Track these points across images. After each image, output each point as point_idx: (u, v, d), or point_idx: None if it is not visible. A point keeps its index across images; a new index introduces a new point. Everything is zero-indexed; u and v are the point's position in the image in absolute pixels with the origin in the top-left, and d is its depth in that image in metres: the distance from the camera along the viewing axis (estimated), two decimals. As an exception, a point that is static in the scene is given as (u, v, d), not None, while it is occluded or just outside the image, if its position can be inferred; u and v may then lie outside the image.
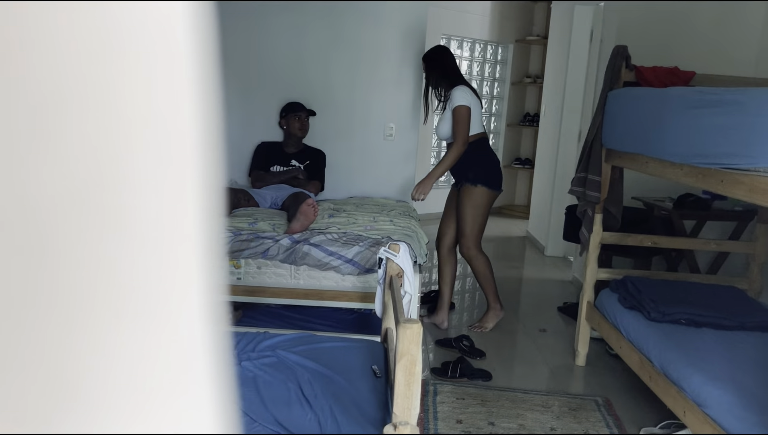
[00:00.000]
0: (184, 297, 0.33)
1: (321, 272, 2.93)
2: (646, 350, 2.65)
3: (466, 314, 4.14)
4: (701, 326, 2.70)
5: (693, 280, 3.33)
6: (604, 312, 3.12)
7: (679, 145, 2.36)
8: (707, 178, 2.21)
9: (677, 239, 3.40)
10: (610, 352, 3.45)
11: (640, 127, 2.71)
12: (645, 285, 3.00)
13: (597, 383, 3.15)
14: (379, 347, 2.21)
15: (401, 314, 1.67)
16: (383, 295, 2.35)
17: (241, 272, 2.95)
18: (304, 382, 1.87)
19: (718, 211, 3.66)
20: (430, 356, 3.36)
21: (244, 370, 1.95)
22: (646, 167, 2.71)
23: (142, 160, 0.32)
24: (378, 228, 3.18)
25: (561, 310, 4.18)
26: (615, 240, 3.27)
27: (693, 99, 2.31)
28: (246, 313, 3.16)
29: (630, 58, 3.08)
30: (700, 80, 3.04)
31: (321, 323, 3.13)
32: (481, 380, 3.06)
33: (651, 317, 2.75)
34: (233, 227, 3.03)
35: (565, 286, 4.83)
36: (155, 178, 0.32)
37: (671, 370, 2.42)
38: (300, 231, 2.99)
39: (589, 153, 3.15)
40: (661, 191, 4.15)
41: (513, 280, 4.96)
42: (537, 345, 3.60)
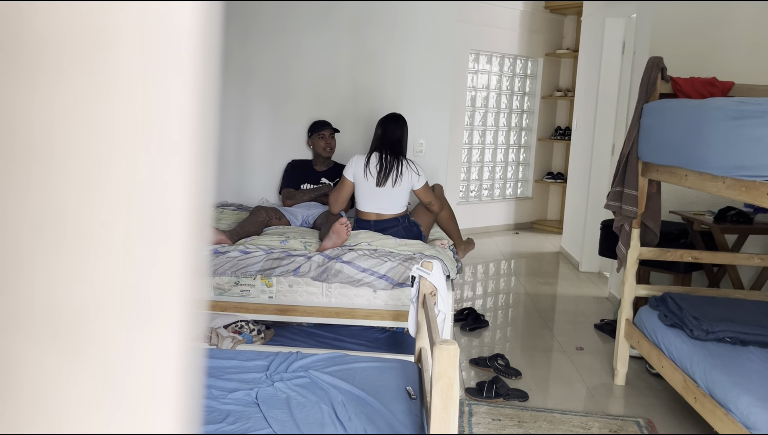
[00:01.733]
0: (161, 311, 0.33)
1: (353, 290, 2.91)
2: (689, 370, 2.56)
3: (499, 332, 4.07)
4: (747, 344, 2.60)
5: (736, 296, 3.22)
6: (644, 330, 3.03)
7: (720, 158, 2.29)
8: (751, 190, 2.13)
9: (719, 254, 3.29)
10: (651, 371, 3.35)
11: (678, 140, 2.64)
12: (686, 302, 2.90)
13: (638, 404, 3.05)
14: (413, 367, 2.17)
15: (436, 335, 1.63)
16: (417, 314, 2.32)
17: (273, 291, 2.95)
18: (337, 403, 1.84)
19: (761, 225, 3.54)
20: (463, 375, 3.30)
21: (276, 391, 1.94)
22: (685, 180, 2.64)
23: (123, 172, 0.31)
24: (408, 244, 3.15)
25: (598, 328, 4.08)
26: (653, 255, 3.18)
27: (734, 110, 2.24)
28: (278, 331, 3.15)
29: (666, 70, 3.01)
30: (738, 90, 2.96)
31: (353, 342, 3.10)
32: (517, 400, 2.99)
33: (694, 335, 2.66)
34: (264, 245, 3.04)
35: (601, 302, 4.72)
36: (139, 191, 0.32)
37: (717, 390, 2.32)
38: (332, 248, 2.98)
39: (625, 166, 3.09)
40: (700, 205, 4.05)
41: (548, 297, 4.87)
42: (574, 364, 3.52)
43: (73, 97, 0.29)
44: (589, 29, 5.90)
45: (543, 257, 6.24)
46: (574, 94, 6.55)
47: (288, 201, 3.80)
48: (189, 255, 0.34)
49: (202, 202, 0.35)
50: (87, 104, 0.30)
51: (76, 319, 0.31)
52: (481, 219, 7.24)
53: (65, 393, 0.31)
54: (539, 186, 7.74)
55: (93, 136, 0.30)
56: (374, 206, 3.34)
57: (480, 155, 7.32)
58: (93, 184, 0.31)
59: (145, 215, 0.32)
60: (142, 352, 0.33)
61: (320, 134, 3.87)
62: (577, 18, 7.07)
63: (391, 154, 3.33)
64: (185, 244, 0.34)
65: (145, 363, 0.33)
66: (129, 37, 0.30)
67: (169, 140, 0.32)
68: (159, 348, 0.34)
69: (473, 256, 5.99)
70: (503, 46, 7.11)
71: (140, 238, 0.32)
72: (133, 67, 0.30)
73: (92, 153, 0.30)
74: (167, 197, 0.33)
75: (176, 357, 0.34)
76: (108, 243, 0.31)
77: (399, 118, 3.44)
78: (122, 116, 0.31)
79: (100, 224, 0.31)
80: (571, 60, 7.40)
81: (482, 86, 7.17)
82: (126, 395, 0.33)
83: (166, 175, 0.33)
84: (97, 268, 0.31)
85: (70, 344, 0.31)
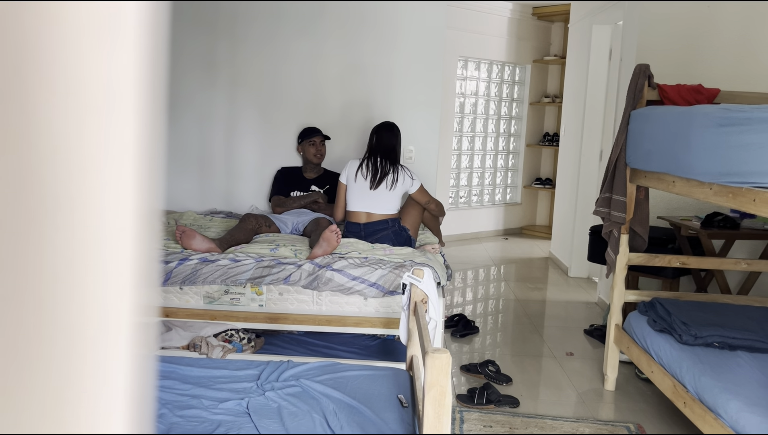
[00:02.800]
0: (110, 317, 0.34)
1: (343, 298, 2.91)
2: (678, 375, 2.58)
3: (490, 338, 4.07)
4: (735, 349, 2.62)
5: (724, 301, 3.25)
6: (633, 335, 3.05)
7: (707, 164, 2.31)
8: (738, 197, 2.16)
9: (706, 259, 3.32)
10: (641, 376, 3.37)
11: (665, 146, 2.66)
12: (675, 307, 2.93)
13: (628, 409, 3.07)
14: (405, 375, 2.17)
15: (428, 343, 1.63)
16: (408, 322, 2.31)
17: (263, 299, 2.94)
18: (329, 412, 1.84)
19: (747, 230, 3.58)
20: (454, 381, 3.31)
21: (268, 401, 1.93)
22: (672, 187, 2.66)
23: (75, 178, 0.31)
24: (398, 252, 3.16)
25: (587, 333, 4.10)
26: (642, 261, 3.20)
27: (720, 117, 2.27)
28: (268, 340, 3.13)
29: (652, 77, 3.04)
30: (724, 97, 3.00)
31: (344, 350, 3.10)
32: (508, 407, 3.00)
33: (683, 340, 2.68)
34: (254, 253, 3.03)
35: (590, 307, 4.74)
36: (90, 196, 0.32)
37: (707, 395, 2.34)
38: (322, 256, 2.98)
39: (613, 173, 3.11)
40: (687, 210, 4.08)
41: (537, 302, 4.88)
42: (564, 369, 3.53)
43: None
44: (576, 36, 5.95)
45: (532, 263, 6.27)
46: (561, 101, 6.59)
47: (278, 208, 3.79)
48: (136, 260, 0.34)
49: (150, 209, 0.35)
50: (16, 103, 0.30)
51: (27, 324, 0.31)
52: (471, 225, 7.26)
53: (17, 395, 0.31)
54: (528, 192, 7.78)
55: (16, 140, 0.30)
56: (365, 206, 3.37)
57: (469, 161, 7.34)
58: (40, 190, 0.31)
59: (92, 220, 0.32)
60: (91, 359, 0.33)
61: (311, 141, 3.87)
62: (565, 25, 7.13)
63: (386, 160, 3.40)
64: (131, 249, 0.34)
65: (96, 368, 0.33)
66: (78, 27, 0.30)
67: (115, 144, 0.32)
68: (108, 355, 0.34)
69: (463, 261, 6.00)
70: (491, 52, 7.15)
71: (86, 245, 0.32)
72: (79, 61, 0.31)
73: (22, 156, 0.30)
74: (114, 202, 0.33)
75: (126, 364, 0.35)
76: (56, 250, 0.31)
77: (393, 126, 3.52)
78: (68, 113, 0.31)
79: (49, 229, 0.31)
80: (559, 66, 7.45)
81: (471, 93, 7.20)
82: (76, 399, 0.33)
83: (114, 183, 0.33)
84: (47, 273, 0.31)
85: (22, 349, 0.31)
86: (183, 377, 2.10)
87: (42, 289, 0.31)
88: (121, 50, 0.32)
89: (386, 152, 3.44)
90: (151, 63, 0.33)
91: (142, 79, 0.33)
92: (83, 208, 0.32)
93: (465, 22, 6.73)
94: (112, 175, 0.32)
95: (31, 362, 0.31)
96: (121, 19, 0.31)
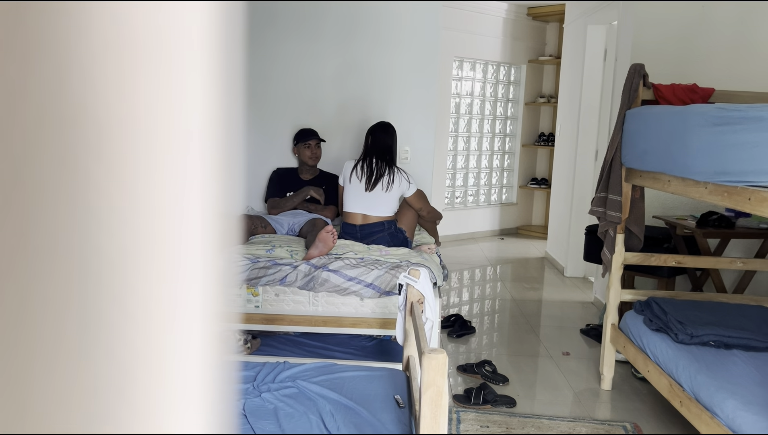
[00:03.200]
0: (189, 325, 0.33)
1: (340, 298, 2.90)
2: (675, 374, 2.58)
3: (486, 338, 4.07)
4: (731, 348, 2.62)
5: (719, 299, 3.25)
6: (630, 334, 3.05)
7: (703, 163, 2.31)
8: (733, 196, 2.16)
9: (702, 258, 3.33)
10: (637, 375, 3.37)
11: (660, 146, 2.67)
12: (671, 306, 2.93)
13: (624, 408, 3.07)
14: (402, 376, 2.17)
15: (424, 343, 1.63)
16: (404, 322, 2.31)
17: (259, 300, 2.93)
18: (325, 413, 1.83)
19: (743, 229, 3.58)
20: (451, 382, 3.30)
21: (264, 402, 1.92)
22: (668, 186, 2.67)
23: (154, 182, 0.31)
24: (394, 253, 3.15)
25: (584, 333, 4.11)
26: (638, 260, 3.21)
27: (715, 116, 2.27)
28: (264, 341, 3.13)
29: (647, 77, 3.05)
30: (719, 97, 3.00)
31: (340, 351, 3.09)
32: (505, 407, 3.00)
33: (679, 339, 2.68)
34: (250, 254, 3.02)
35: (586, 307, 4.75)
36: (166, 201, 0.32)
37: (703, 394, 2.34)
38: (318, 257, 2.97)
39: (608, 173, 3.11)
40: (682, 209, 4.09)
41: (533, 302, 4.89)
42: (561, 369, 3.53)
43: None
44: (571, 36, 5.96)
45: (528, 263, 6.27)
46: (557, 101, 6.60)
47: (273, 210, 3.78)
48: (210, 265, 0.33)
49: (226, 211, 0.34)
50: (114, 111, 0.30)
51: (98, 327, 0.31)
52: (467, 225, 7.26)
53: (88, 397, 0.31)
54: (524, 192, 7.79)
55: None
56: (361, 207, 3.37)
57: (465, 161, 7.34)
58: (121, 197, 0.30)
59: (168, 224, 0.32)
60: (166, 365, 0.33)
61: (306, 144, 3.86)
62: (560, 25, 7.14)
63: (382, 161, 3.39)
64: (205, 254, 0.33)
65: (173, 374, 0.33)
66: (146, 39, 0.30)
67: (189, 147, 0.32)
68: (184, 362, 0.33)
69: (460, 261, 6.01)
70: (486, 53, 7.16)
71: (161, 247, 0.32)
72: (153, 68, 0.30)
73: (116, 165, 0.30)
74: (188, 206, 0.32)
75: (201, 371, 0.34)
76: (131, 252, 0.31)
77: (388, 126, 3.51)
78: (144, 121, 0.30)
79: (129, 233, 0.31)
80: (554, 67, 7.47)
81: (466, 93, 7.21)
82: (150, 404, 0.33)
83: (190, 186, 0.32)
84: (121, 277, 0.31)
85: (91, 350, 0.31)
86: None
87: (116, 295, 0.31)
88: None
89: (381, 153, 3.43)
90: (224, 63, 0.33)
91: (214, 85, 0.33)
92: (159, 213, 0.31)
93: (460, 23, 6.73)
94: (187, 179, 0.32)
95: (100, 368, 0.31)
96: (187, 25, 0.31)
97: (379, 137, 3.45)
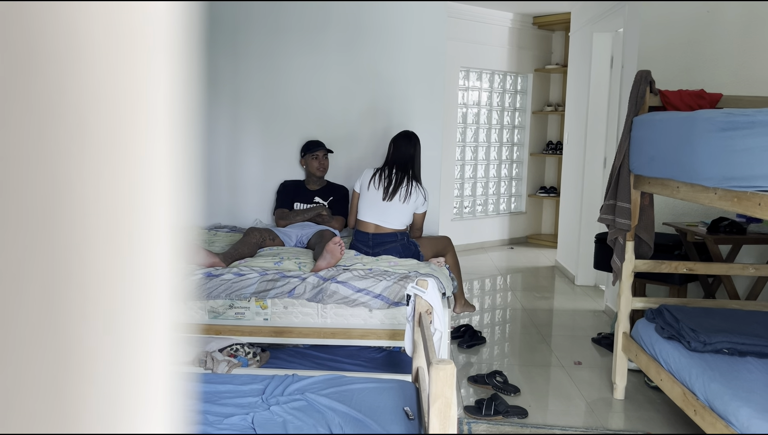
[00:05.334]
0: (145, 334, 0.33)
1: (348, 310, 2.90)
2: (688, 382, 2.55)
3: (497, 348, 4.05)
4: (745, 355, 2.59)
5: (732, 306, 3.22)
6: (642, 343, 3.02)
7: (711, 169, 2.29)
8: (743, 201, 2.14)
9: (713, 265, 3.29)
10: (650, 384, 3.33)
11: (668, 152, 2.65)
12: (683, 313, 2.90)
13: (638, 417, 3.03)
14: (411, 387, 2.15)
15: (433, 354, 1.62)
16: (413, 333, 2.30)
17: (268, 313, 2.93)
18: (335, 426, 1.82)
19: (754, 235, 3.55)
20: (462, 393, 3.28)
21: (273, 415, 1.91)
22: (677, 192, 2.65)
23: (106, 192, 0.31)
24: (402, 263, 3.15)
25: (595, 342, 4.07)
26: (648, 267, 3.18)
27: (723, 121, 2.26)
28: (273, 353, 3.12)
29: (654, 83, 3.04)
30: (726, 102, 2.99)
31: (349, 363, 3.08)
32: (516, 417, 2.97)
33: (691, 347, 2.65)
34: (259, 267, 3.02)
35: (598, 316, 4.71)
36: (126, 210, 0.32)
37: (717, 402, 2.31)
38: (326, 268, 2.97)
39: (617, 180, 3.09)
40: (693, 216, 4.06)
41: (544, 311, 4.85)
42: (573, 378, 3.50)
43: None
44: (577, 44, 5.95)
45: (538, 272, 6.24)
46: (564, 109, 6.59)
47: (281, 221, 3.79)
48: (168, 277, 0.34)
49: (184, 224, 0.34)
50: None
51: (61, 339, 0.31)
52: (476, 235, 7.24)
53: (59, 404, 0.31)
54: (533, 200, 7.76)
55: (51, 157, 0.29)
56: (376, 217, 3.37)
57: (473, 171, 7.33)
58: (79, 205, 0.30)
59: (129, 234, 0.32)
60: (130, 377, 0.33)
61: (314, 155, 3.87)
62: (565, 33, 7.14)
63: (402, 171, 3.39)
64: (165, 266, 0.33)
65: (131, 385, 0.33)
66: (104, 38, 0.30)
67: (148, 158, 0.32)
68: (143, 371, 0.33)
69: (469, 271, 5.98)
70: (493, 62, 7.17)
71: (118, 259, 0.32)
72: (110, 72, 0.30)
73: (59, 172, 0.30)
74: (148, 217, 0.32)
75: (161, 381, 0.34)
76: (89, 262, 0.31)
77: (410, 136, 3.52)
78: (98, 124, 0.30)
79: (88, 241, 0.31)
80: (561, 75, 7.46)
81: (473, 103, 7.21)
82: (115, 413, 0.32)
83: (147, 197, 0.32)
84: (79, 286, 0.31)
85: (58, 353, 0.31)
86: (188, 393, 2.09)
87: (78, 304, 0.31)
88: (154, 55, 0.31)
89: (402, 163, 3.44)
90: (184, 69, 0.33)
91: (175, 89, 0.33)
92: (120, 221, 0.32)
93: (466, 33, 6.75)
94: (149, 190, 0.32)
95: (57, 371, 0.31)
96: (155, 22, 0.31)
97: (400, 145, 3.48)
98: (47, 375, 0.30)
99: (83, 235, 0.31)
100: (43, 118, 0.29)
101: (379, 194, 3.38)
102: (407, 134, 3.54)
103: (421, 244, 3.47)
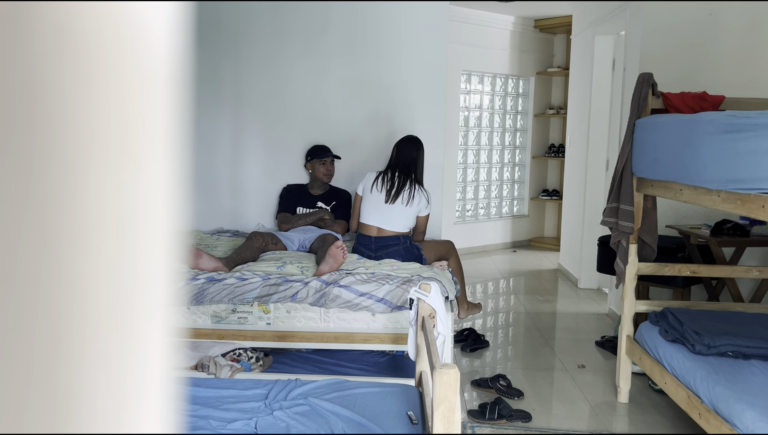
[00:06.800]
0: (137, 339, 0.33)
1: (351, 314, 2.89)
2: (693, 385, 2.54)
3: (500, 352, 4.04)
4: (749, 358, 2.58)
5: (736, 309, 3.21)
6: (645, 346, 3.01)
7: (714, 171, 2.29)
8: (747, 203, 2.14)
9: (717, 267, 3.28)
10: (654, 387, 3.32)
11: (671, 155, 2.65)
12: (687, 316, 2.89)
13: (642, 421, 3.02)
14: (414, 392, 2.15)
15: (436, 358, 1.62)
16: (416, 337, 2.30)
17: (271, 317, 2.93)
18: (338, 431, 1.82)
19: (758, 237, 3.54)
20: (465, 397, 3.27)
21: (276, 420, 1.91)
22: (680, 195, 2.64)
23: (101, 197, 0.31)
24: (405, 267, 3.14)
25: (599, 345, 4.06)
26: (652, 270, 3.17)
27: (726, 123, 2.25)
28: (276, 358, 3.12)
29: (656, 85, 3.04)
30: (729, 104, 2.98)
31: (353, 367, 3.07)
32: (520, 421, 2.96)
33: (696, 350, 2.64)
34: (261, 272, 3.02)
35: (601, 319, 4.70)
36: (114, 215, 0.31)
37: (722, 406, 2.30)
38: (329, 272, 2.97)
39: (619, 182, 3.09)
40: (696, 218, 4.05)
41: (547, 315, 4.84)
42: (576, 382, 3.48)
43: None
44: (578, 47, 5.95)
45: (541, 275, 6.23)
46: (566, 112, 6.59)
47: (284, 225, 3.79)
48: (164, 281, 0.34)
49: (174, 229, 0.34)
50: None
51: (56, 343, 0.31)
52: (479, 238, 7.23)
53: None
54: (535, 203, 7.75)
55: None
56: (378, 220, 3.37)
57: (475, 174, 7.33)
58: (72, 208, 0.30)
59: (118, 241, 0.32)
60: (123, 382, 0.33)
61: (321, 161, 3.87)
62: (567, 36, 7.14)
63: (405, 175, 3.40)
64: (161, 270, 0.33)
65: (127, 387, 0.33)
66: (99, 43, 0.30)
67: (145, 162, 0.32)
68: (139, 373, 0.33)
69: (472, 275, 5.97)
70: (494, 66, 7.17)
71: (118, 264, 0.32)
72: (106, 77, 0.30)
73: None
74: (144, 221, 0.32)
75: (156, 384, 0.34)
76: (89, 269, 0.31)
77: (414, 140, 3.54)
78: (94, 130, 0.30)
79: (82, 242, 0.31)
80: (563, 78, 7.46)
81: (475, 106, 7.21)
82: (109, 418, 0.32)
83: (140, 202, 0.32)
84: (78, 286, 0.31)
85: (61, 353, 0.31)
86: (190, 398, 2.09)
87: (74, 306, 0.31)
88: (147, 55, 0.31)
89: (405, 166, 3.44)
90: (177, 69, 0.33)
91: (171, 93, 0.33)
92: (116, 225, 0.32)
93: (467, 37, 6.75)
94: (144, 194, 0.32)
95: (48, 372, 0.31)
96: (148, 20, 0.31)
97: (403, 149, 3.49)
98: (42, 376, 0.30)
99: (81, 236, 0.31)
100: (38, 121, 0.29)
101: (382, 197, 3.38)
102: (410, 138, 3.55)
103: (424, 248, 3.47)
